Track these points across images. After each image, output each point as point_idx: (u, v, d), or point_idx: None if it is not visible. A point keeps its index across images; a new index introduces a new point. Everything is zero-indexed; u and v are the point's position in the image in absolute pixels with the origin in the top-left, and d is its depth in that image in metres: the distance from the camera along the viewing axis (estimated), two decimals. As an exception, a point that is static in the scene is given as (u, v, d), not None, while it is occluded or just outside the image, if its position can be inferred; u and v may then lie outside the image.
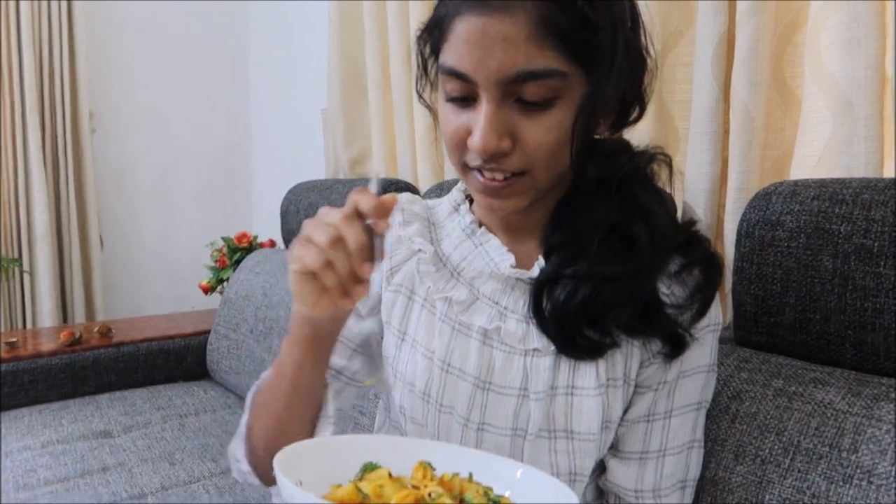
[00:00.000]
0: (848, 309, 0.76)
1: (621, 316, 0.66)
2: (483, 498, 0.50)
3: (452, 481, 0.53)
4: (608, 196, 0.67)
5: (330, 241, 0.55)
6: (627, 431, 0.71)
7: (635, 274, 0.65)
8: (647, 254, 0.65)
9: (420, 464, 0.54)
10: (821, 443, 0.71)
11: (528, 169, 0.63)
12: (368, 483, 0.51)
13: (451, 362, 0.71)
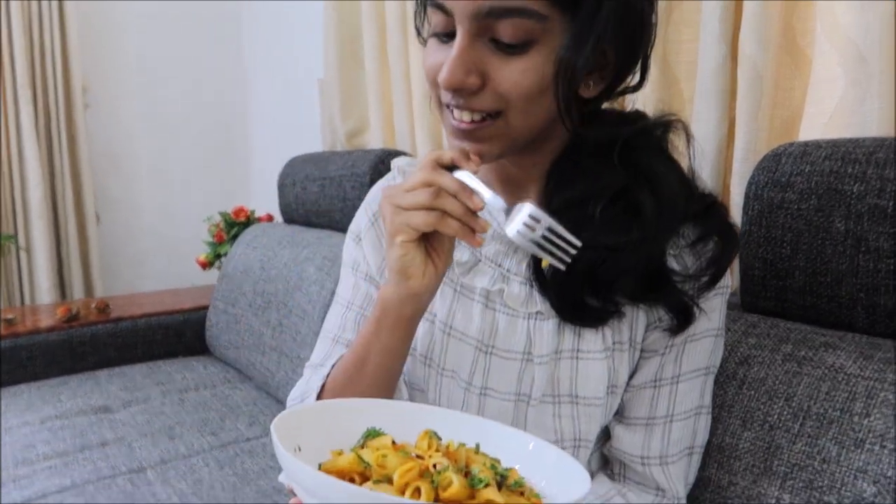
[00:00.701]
0: (860, 271, 0.74)
1: (625, 286, 0.63)
2: (490, 472, 0.48)
3: (458, 451, 0.51)
4: (610, 161, 0.64)
5: (432, 194, 0.57)
6: (633, 397, 0.69)
7: (640, 244, 0.63)
8: (652, 223, 0.63)
9: (426, 432, 0.52)
10: (832, 407, 0.69)
11: (502, 110, 0.60)
12: (370, 451, 0.49)
13: (453, 325, 0.69)
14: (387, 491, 0.44)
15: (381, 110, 1.81)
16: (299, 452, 0.51)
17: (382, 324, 0.64)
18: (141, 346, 1.93)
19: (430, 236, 0.61)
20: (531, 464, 0.54)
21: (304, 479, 0.44)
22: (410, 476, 0.45)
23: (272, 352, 1.62)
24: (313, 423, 0.54)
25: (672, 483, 0.69)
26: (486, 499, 0.45)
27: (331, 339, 0.79)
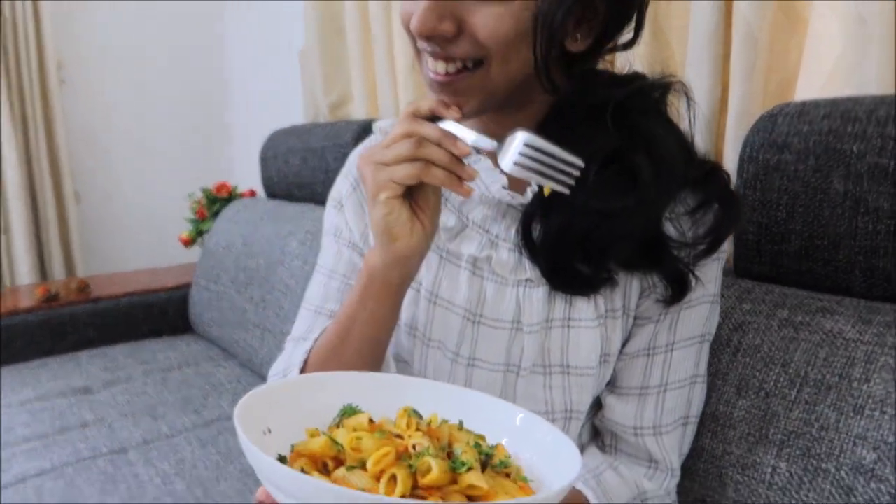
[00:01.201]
0: (859, 233, 0.72)
1: (619, 253, 0.61)
2: (473, 452, 0.45)
3: (440, 429, 0.48)
4: (602, 123, 0.61)
5: (413, 144, 0.54)
6: (626, 366, 0.67)
7: (636, 209, 0.59)
8: (649, 188, 0.59)
9: (404, 410, 0.49)
10: (830, 373, 0.67)
11: (482, 59, 0.57)
12: (346, 432, 0.46)
13: (439, 293, 0.66)
14: (360, 478, 0.41)
15: (364, 80, 1.77)
16: (268, 435, 0.48)
17: (368, 292, 0.61)
18: (122, 326, 1.89)
19: (416, 194, 0.58)
20: (519, 437, 0.52)
21: (262, 468, 0.41)
22: (386, 462, 0.42)
23: (255, 328, 1.59)
24: (286, 401, 0.51)
25: (666, 454, 0.67)
26: (468, 483, 0.42)
27: (313, 311, 0.76)
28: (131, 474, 1.13)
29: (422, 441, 0.44)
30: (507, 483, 0.45)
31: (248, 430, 0.43)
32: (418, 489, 0.41)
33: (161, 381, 1.56)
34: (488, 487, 0.42)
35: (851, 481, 0.62)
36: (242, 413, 0.45)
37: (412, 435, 0.45)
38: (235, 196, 2.14)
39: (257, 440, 0.45)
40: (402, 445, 0.44)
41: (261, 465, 0.40)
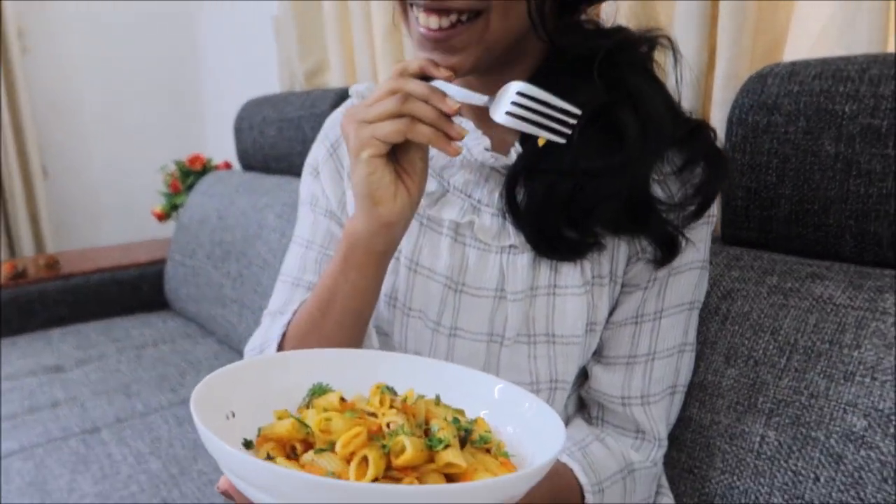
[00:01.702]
0: (850, 196, 0.70)
1: (605, 215, 0.58)
2: (451, 428, 0.42)
3: (417, 405, 0.45)
4: (589, 77, 0.58)
5: (399, 100, 0.52)
6: (614, 335, 0.65)
7: (623, 168, 0.57)
8: (636, 145, 0.57)
9: (377, 387, 0.46)
10: (820, 340, 0.65)
11: (481, 10, 0.53)
12: (316, 412, 0.43)
13: (419, 261, 0.63)
14: (330, 461, 0.39)
15: (341, 47, 1.71)
16: (232, 419, 0.45)
17: (350, 261, 0.58)
18: (95, 303, 1.84)
19: (401, 156, 0.55)
20: (500, 410, 0.49)
21: (218, 455, 0.38)
22: (357, 443, 0.39)
23: (233, 304, 1.55)
24: (251, 382, 0.48)
25: (653, 424, 0.65)
26: (445, 462, 0.39)
27: (290, 284, 0.73)
28: (104, 454, 1.09)
29: (396, 419, 0.41)
30: (487, 459, 0.42)
31: (207, 414, 0.40)
32: (392, 470, 0.39)
33: (135, 358, 1.52)
34: (467, 465, 0.39)
35: (841, 449, 0.61)
36: (201, 397, 0.42)
37: (386, 413, 0.42)
38: (210, 168, 2.09)
39: (218, 425, 0.42)
40: (376, 424, 0.41)
41: (217, 451, 0.37)
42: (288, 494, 0.35)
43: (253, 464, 0.36)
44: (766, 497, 0.64)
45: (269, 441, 0.43)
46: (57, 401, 1.30)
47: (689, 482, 0.70)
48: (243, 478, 0.37)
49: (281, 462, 0.40)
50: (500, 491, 0.37)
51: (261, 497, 0.37)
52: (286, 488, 0.35)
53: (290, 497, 0.35)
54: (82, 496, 0.98)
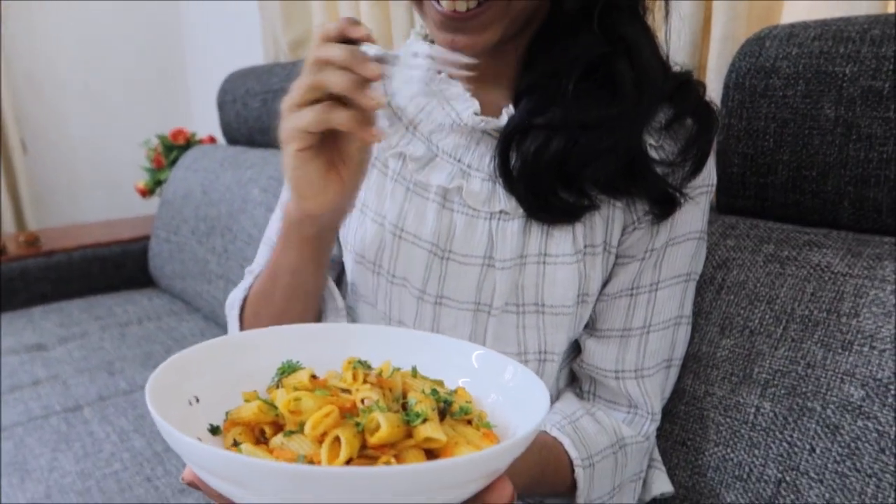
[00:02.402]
0: (850, 161, 0.68)
1: (601, 171, 0.56)
2: (429, 400, 0.40)
3: (393, 379, 0.43)
4: (588, 27, 0.56)
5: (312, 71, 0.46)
6: (608, 307, 0.63)
7: (618, 121, 0.56)
8: (631, 97, 0.56)
9: (349, 362, 0.44)
10: (817, 308, 0.64)
11: None
12: (285, 391, 0.41)
13: (404, 227, 0.61)
14: (301, 444, 0.36)
15: (326, 16, 1.66)
16: (195, 405, 0.42)
17: (288, 241, 0.57)
18: (77, 281, 1.80)
19: (335, 145, 0.51)
20: (481, 378, 0.47)
21: (174, 443, 0.35)
22: (328, 423, 0.37)
23: (219, 280, 1.52)
24: (216, 365, 0.45)
25: (647, 398, 0.64)
26: (424, 437, 0.37)
27: (269, 246, 0.73)
28: (86, 432, 1.07)
29: (370, 394, 0.39)
30: (469, 431, 0.40)
31: (165, 402, 0.38)
32: (368, 449, 0.36)
33: (119, 336, 1.49)
34: (447, 439, 0.37)
35: (838, 420, 0.59)
36: (158, 385, 0.39)
37: (360, 388, 0.40)
38: (194, 143, 2.04)
39: (179, 412, 0.40)
40: (349, 401, 0.39)
41: (173, 441, 0.35)
42: (252, 484, 0.33)
43: (210, 453, 0.33)
44: (761, 469, 0.63)
45: (236, 426, 0.40)
46: (38, 379, 1.27)
47: (681, 455, 0.69)
48: (203, 467, 0.35)
49: (247, 448, 0.38)
50: (483, 465, 0.35)
51: (226, 488, 0.35)
52: (249, 477, 0.32)
53: (255, 487, 0.33)
54: (63, 475, 0.96)
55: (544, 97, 0.56)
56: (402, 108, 0.65)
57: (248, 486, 0.33)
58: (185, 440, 0.33)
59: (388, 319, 0.63)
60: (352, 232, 0.65)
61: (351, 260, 0.65)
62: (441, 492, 0.34)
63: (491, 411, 0.44)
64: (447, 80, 0.63)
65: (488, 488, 0.38)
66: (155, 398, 0.37)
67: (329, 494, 0.31)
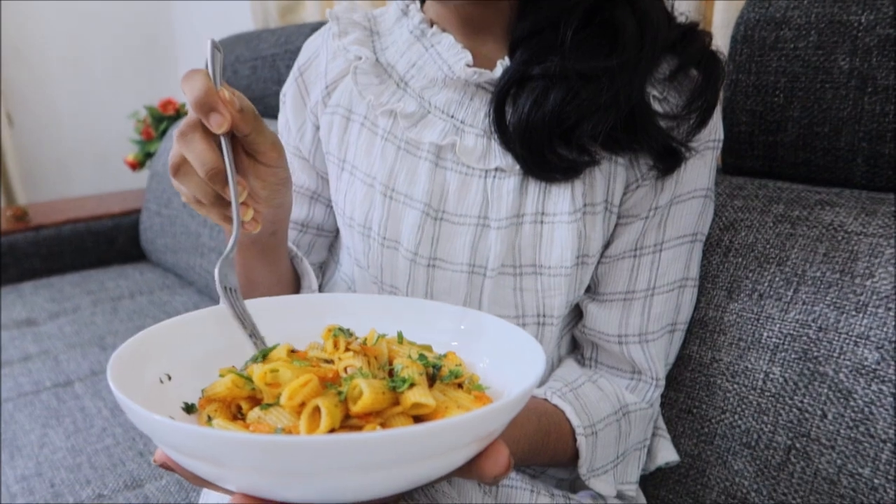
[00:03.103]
0: (864, 116, 0.64)
1: (601, 125, 0.53)
2: (417, 365, 0.38)
3: (378, 346, 0.40)
4: None
5: (173, 169, 0.45)
6: (610, 269, 0.60)
7: (619, 71, 0.53)
8: (633, 46, 0.53)
9: (329, 330, 0.41)
10: (830, 270, 0.61)
11: None
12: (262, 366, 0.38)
13: (395, 187, 0.58)
14: (279, 416, 0.34)
15: (316, -21, 1.61)
16: (167, 383, 0.40)
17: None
18: (68, 256, 1.77)
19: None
20: (471, 342, 0.45)
21: (138, 420, 0.33)
22: (306, 393, 0.34)
23: (211, 253, 1.49)
24: (188, 340, 0.43)
25: (651, 363, 0.61)
26: (412, 402, 0.35)
27: None
28: (77, 407, 1.05)
29: (353, 362, 0.36)
30: (460, 395, 0.38)
31: (129, 380, 0.35)
32: (352, 419, 0.34)
33: (111, 311, 1.46)
34: (437, 403, 0.35)
35: (851, 384, 0.57)
36: (121, 362, 0.37)
37: (342, 357, 0.37)
38: (184, 113, 1.99)
39: (147, 390, 0.37)
40: (332, 371, 0.36)
41: (135, 417, 0.32)
42: (223, 460, 0.30)
43: (173, 427, 0.30)
44: (770, 436, 0.61)
45: (212, 403, 0.38)
46: (28, 355, 1.25)
47: (687, 423, 0.67)
48: (168, 444, 0.32)
49: (219, 423, 0.35)
50: (474, 427, 0.32)
51: (197, 466, 0.32)
52: (218, 453, 0.30)
53: (227, 462, 0.30)
54: (54, 450, 0.94)
55: (541, 47, 0.53)
56: (391, 64, 0.61)
57: (219, 462, 0.30)
58: (145, 414, 0.31)
59: (380, 284, 0.60)
60: (341, 195, 0.62)
61: (343, 224, 0.63)
62: (430, 459, 0.32)
63: (484, 375, 0.42)
64: (438, 32, 0.59)
65: (483, 455, 0.35)
66: (118, 376, 0.35)
67: (306, 466, 0.29)
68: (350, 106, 0.62)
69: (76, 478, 0.88)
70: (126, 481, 0.88)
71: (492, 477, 0.36)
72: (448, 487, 0.51)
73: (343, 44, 0.62)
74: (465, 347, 0.44)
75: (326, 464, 0.29)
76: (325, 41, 0.66)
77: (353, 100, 0.62)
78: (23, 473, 0.90)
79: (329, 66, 0.64)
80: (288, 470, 0.29)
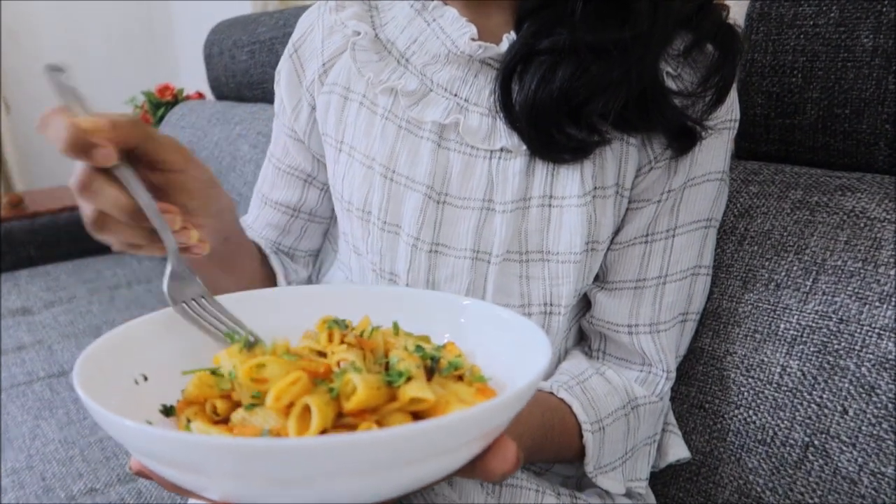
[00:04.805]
0: (888, 97, 0.61)
1: (612, 103, 0.50)
2: (414, 358, 0.35)
3: (373, 338, 0.37)
4: None
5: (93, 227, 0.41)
6: (620, 256, 0.57)
7: (631, 45, 0.50)
8: (646, 18, 0.50)
9: (323, 321, 0.39)
10: (852, 258, 0.58)
11: None
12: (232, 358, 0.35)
13: (395, 169, 0.55)
14: (266, 417, 0.31)
15: (316, -39, 1.57)
16: (143, 384, 0.37)
17: None
18: (65, 244, 1.75)
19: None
20: (470, 331, 0.42)
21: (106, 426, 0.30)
22: (295, 392, 0.31)
23: (209, 241, 1.46)
24: (170, 336, 0.40)
25: (662, 354, 0.58)
26: (409, 397, 0.32)
27: (260, 198, 0.71)
28: (71, 398, 1.03)
29: (346, 356, 0.33)
30: (460, 388, 0.35)
31: (99, 381, 0.32)
32: (346, 417, 0.31)
33: (108, 299, 1.44)
34: (436, 398, 0.32)
35: (874, 378, 0.54)
36: (91, 362, 0.34)
37: (336, 351, 0.35)
38: (181, 99, 1.96)
39: (121, 393, 0.35)
40: (324, 366, 0.33)
41: (104, 422, 0.30)
42: (201, 466, 0.27)
43: (140, 432, 0.27)
44: (786, 432, 0.58)
45: (190, 405, 0.35)
46: (22, 344, 1.23)
47: (699, 418, 0.64)
48: (139, 450, 0.29)
49: (198, 427, 0.33)
50: (477, 423, 0.30)
51: (173, 475, 0.29)
52: (196, 459, 0.27)
53: (207, 470, 0.27)
54: (46, 442, 0.92)
55: (550, 19, 0.50)
56: (391, 40, 0.58)
57: (198, 470, 0.27)
58: (111, 418, 0.28)
59: (378, 271, 0.57)
60: (339, 178, 0.59)
61: (340, 209, 0.60)
62: (431, 458, 0.29)
63: (486, 366, 0.39)
64: (440, 5, 0.56)
65: (489, 451, 0.33)
66: (85, 377, 0.32)
67: (295, 472, 0.26)
68: (348, 84, 0.59)
69: (68, 471, 0.86)
70: (119, 475, 0.85)
71: (499, 474, 0.33)
72: (448, 489, 0.48)
73: (340, 18, 0.59)
74: (464, 338, 0.42)
75: (318, 468, 0.26)
76: (320, 16, 0.63)
77: (351, 78, 0.59)
78: (13, 466, 0.88)
79: (325, 42, 0.61)
80: (275, 477, 0.26)
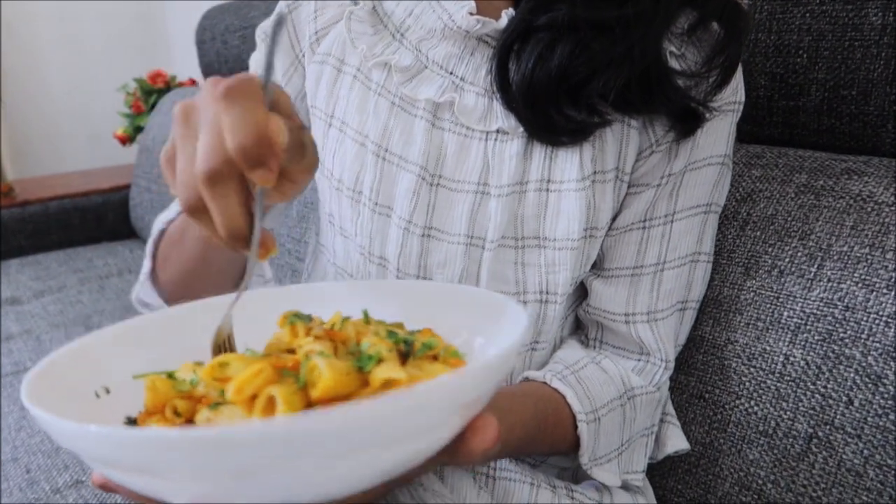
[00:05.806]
0: (897, 77, 0.59)
1: (613, 82, 0.48)
2: (386, 342, 0.33)
3: (344, 330, 0.35)
4: None
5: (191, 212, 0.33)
6: (617, 243, 0.55)
7: (633, 22, 0.47)
8: None
9: (284, 317, 0.36)
10: (858, 244, 0.56)
11: None
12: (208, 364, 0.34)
13: (388, 147, 0.53)
14: (231, 413, 0.29)
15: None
16: (106, 397, 0.36)
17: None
18: (56, 233, 1.72)
19: None
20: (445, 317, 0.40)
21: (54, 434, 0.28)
22: (258, 383, 0.29)
23: (201, 230, 1.44)
24: (134, 347, 0.38)
25: (661, 343, 0.57)
26: (382, 380, 0.30)
27: None
28: (58, 389, 1.01)
29: (315, 346, 0.32)
30: (436, 367, 0.34)
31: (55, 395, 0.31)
32: (316, 406, 0.29)
33: (98, 289, 1.42)
34: (409, 377, 0.30)
35: (881, 368, 0.52)
36: (44, 376, 0.32)
37: (302, 344, 0.33)
38: (174, 86, 1.93)
39: (79, 407, 0.33)
40: (292, 360, 0.31)
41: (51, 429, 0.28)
42: (156, 465, 0.25)
43: (91, 434, 0.26)
44: (789, 423, 0.56)
45: (153, 415, 0.33)
46: (10, 334, 1.21)
47: (699, 409, 0.62)
48: (93, 456, 0.27)
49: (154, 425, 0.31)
50: (450, 393, 0.27)
51: (134, 482, 0.27)
52: (148, 457, 0.25)
53: (162, 469, 0.25)
54: (31, 434, 0.90)
55: None
56: (388, 13, 0.56)
57: (154, 471, 0.26)
58: (56, 422, 0.26)
59: (367, 255, 0.55)
60: (329, 154, 0.57)
61: (328, 187, 0.57)
62: (404, 438, 0.27)
63: (466, 349, 0.38)
64: None
65: (467, 430, 0.31)
66: (36, 391, 0.30)
67: (250, 459, 0.24)
68: (342, 56, 0.57)
69: (53, 463, 0.84)
70: (106, 466, 0.84)
71: (480, 453, 0.31)
72: (439, 484, 0.46)
73: None
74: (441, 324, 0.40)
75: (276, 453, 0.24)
76: None
77: (345, 49, 0.57)
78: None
79: (319, 9, 0.59)
80: (233, 468, 0.25)
